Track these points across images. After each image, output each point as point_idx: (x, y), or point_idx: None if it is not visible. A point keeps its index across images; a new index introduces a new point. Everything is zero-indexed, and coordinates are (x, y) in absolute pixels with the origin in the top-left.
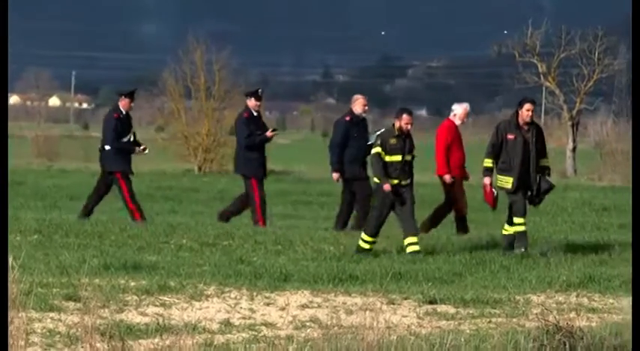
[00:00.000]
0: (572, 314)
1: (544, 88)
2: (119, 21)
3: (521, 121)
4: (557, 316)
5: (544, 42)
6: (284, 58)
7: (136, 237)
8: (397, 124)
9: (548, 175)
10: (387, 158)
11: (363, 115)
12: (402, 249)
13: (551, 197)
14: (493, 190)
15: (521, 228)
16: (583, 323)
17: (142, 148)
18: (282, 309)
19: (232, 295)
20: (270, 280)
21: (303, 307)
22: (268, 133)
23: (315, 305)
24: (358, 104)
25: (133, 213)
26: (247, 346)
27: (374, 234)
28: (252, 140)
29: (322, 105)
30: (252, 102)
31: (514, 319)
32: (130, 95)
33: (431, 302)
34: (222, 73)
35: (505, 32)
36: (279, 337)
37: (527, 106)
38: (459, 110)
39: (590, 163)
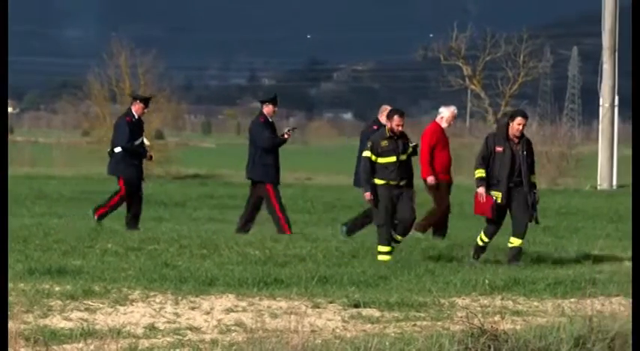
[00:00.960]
0: (497, 317)
1: (469, 91)
2: (43, 25)
3: (511, 134)
4: (481, 319)
5: (469, 45)
6: (210, 62)
7: (60, 241)
8: (388, 126)
9: (534, 191)
10: (381, 161)
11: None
12: (328, 252)
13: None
14: (493, 197)
15: (482, 243)
16: (507, 326)
17: (148, 155)
18: (207, 313)
19: (157, 300)
20: (196, 284)
21: (228, 311)
22: (286, 135)
23: (240, 309)
24: (385, 114)
25: (100, 209)
26: (172, 350)
27: (389, 242)
28: (272, 141)
29: (248, 109)
30: (268, 108)
31: (439, 323)
32: (145, 101)
33: (356, 306)
34: (147, 77)
35: (430, 36)
36: (204, 341)
37: (518, 119)
38: (445, 113)
39: None
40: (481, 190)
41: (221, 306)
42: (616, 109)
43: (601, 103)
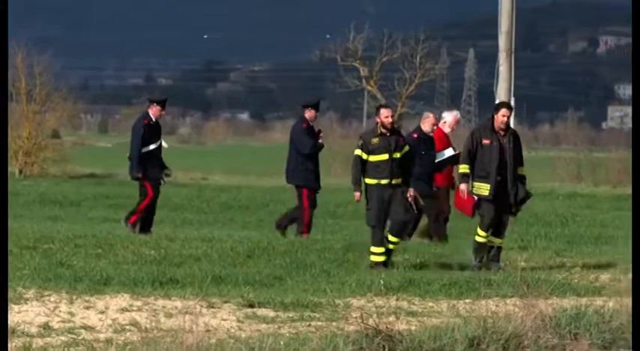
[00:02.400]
0: (392, 318)
1: (366, 92)
2: None
3: (496, 127)
4: (376, 320)
5: (366, 46)
6: (106, 62)
7: None
8: (378, 122)
9: (524, 183)
10: (372, 159)
11: (431, 134)
12: (223, 252)
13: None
14: (473, 196)
15: (482, 240)
16: (402, 327)
17: (166, 172)
18: (102, 312)
19: (52, 299)
20: (90, 284)
21: (123, 310)
22: (320, 140)
23: (135, 309)
24: (428, 123)
25: (131, 217)
26: (66, 349)
27: (381, 243)
28: (313, 147)
29: (144, 108)
30: (311, 113)
31: (334, 323)
32: (162, 103)
33: (251, 306)
34: (43, 77)
35: (327, 36)
36: (99, 341)
37: (502, 111)
38: (449, 118)
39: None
40: (463, 186)
41: (116, 305)
42: (512, 112)
43: None
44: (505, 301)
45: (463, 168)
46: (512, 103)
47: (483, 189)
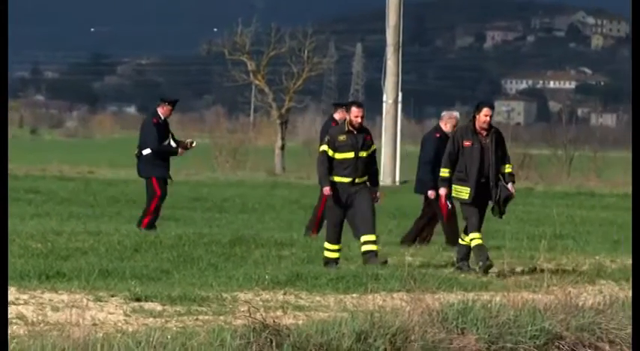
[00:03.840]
0: (279, 312)
1: (253, 87)
2: None
3: (478, 127)
4: (264, 314)
5: (254, 40)
6: None
7: None
8: (347, 119)
9: (513, 181)
10: (338, 156)
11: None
12: (110, 246)
13: (259, 194)
14: (447, 203)
15: (478, 241)
16: (290, 321)
17: (188, 141)
18: None
19: None
20: None
21: (10, 303)
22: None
23: (22, 302)
24: (450, 123)
25: (143, 219)
26: None
27: (337, 241)
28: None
29: (31, 101)
30: (341, 114)
31: (221, 317)
32: (172, 103)
33: (138, 299)
34: None
35: (215, 30)
36: None
37: (485, 110)
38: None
39: (298, 161)
40: (442, 191)
41: None
42: (399, 106)
43: (384, 99)
44: (392, 296)
45: (444, 172)
46: (400, 97)
47: (463, 192)
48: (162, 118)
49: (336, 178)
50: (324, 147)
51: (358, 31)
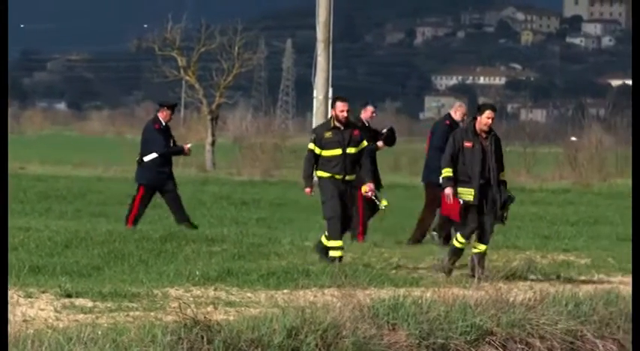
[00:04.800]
0: (210, 308)
1: (184, 82)
2: None
3: (479, 129)
4: (194, 310)
5: (184, 36)
6: None
7: None
8: (333, 115)
9: (505, 188)
10: (325, 153)
11: (461, 123)
12: (41, 242)
13: (189, 190)
14: (460, 200)
15: (460, 246)
16: (221, 317)
17: (187, 146)
18: None
19: None
20: None
21: None
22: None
23: None
24: (459, 112)
25: (128, 219)
26: None
27: (339, 236)
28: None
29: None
30: (367, 112)
31: (152, 313)
32: (172, 107)
33: (68, 296)
34: None
35: (145, 26)
36: None
37: (487, 113)
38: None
39: (229, 158)
40: (448, 190)
41: None
42: (329, 102)
43: (315, 95)
44: (323, 292)
45: (446, 172)
46: (330, 93)
47: (467, 194)
48: (164, 123)
49: (327, 174)
50: (311, 145)
51: (288, 28)
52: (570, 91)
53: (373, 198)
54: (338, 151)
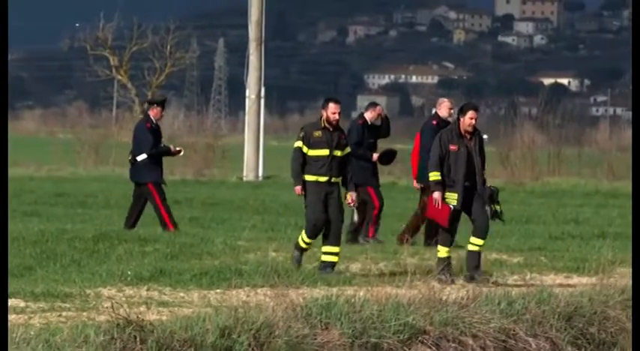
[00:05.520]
0: (143, 308)
1: (116, 82)
2: None
3: (463, 130)
4: (127, 310)
5: (116, 35)
6: None
7: None
8: (324, 115)
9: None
10: (312, 153)
11: (449, 119)
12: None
13: (122, 190)
14: (450, 206)
15: (445, 254)
16: (153, 317)
17: (177, 149)
18: None
19: None
20: None
21: None
22: (374, 156)
23: None
24: (444, 107)
25: (165, 223)
26: None
27: (314, 236)
28: (356, 148)
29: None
30: (374, 112)
31: (84, 313)
32: (161, 104)
33: None
34: None
35: (77, 25)
36: None
37: (470, 113)
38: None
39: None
40: (437, 195)
41: None
42: (262, 101)
43: (247, 94)
44: (256, 291)
45: (435, 175)
46: (263, 92)
47: (452, 198)
48: (154, 121)
49: (312, 177)
50: (299, 143)
51: (220, 27)
52: (502, 89)
53: (354, 209)
54: (325, 152)
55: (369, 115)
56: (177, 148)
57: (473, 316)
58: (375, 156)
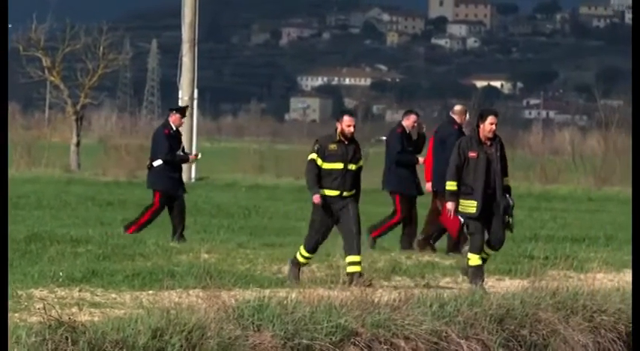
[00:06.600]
0: (75, 309)
1: (48, 83)
2: None
3: (483, 137)
4: (59, 311)
5: (49, 36)
6: None
7: None
8: (339, 128)
9: (509, 193)
10: (326, 166)
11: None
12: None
13: (54, 191)
14: (460, 218)
15: (476, 262)
16: (85, 318)
17: (194, 154)
18: None
19: None
20: None
21: None
22: (421, 160)
23: None
24: (409, 121)
25: (131, 225)
26: None
27: (312, 250)
28: (404, 157)
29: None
30: (409, 121)
31: (16, 314)
32: (182, 111)
33: None
34: None
35: (10, 26)
36: None
37: (490, 119)
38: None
39: (94, 158)
40: (450, 205)
41: None
42: (195, 103)
43: (180, 96)
44: (188, 293)
45: (451, 185)
46: (196, 94)
47: (470, 207)
48: (174, 128)
49: (324, 192)
50: (313, 155)
51: (154, 28)
52: (435, 92)
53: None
54: (340, 165)
55: (405, 123)
56: (195, 153)
57: (405, 319)
58: (422, 160)
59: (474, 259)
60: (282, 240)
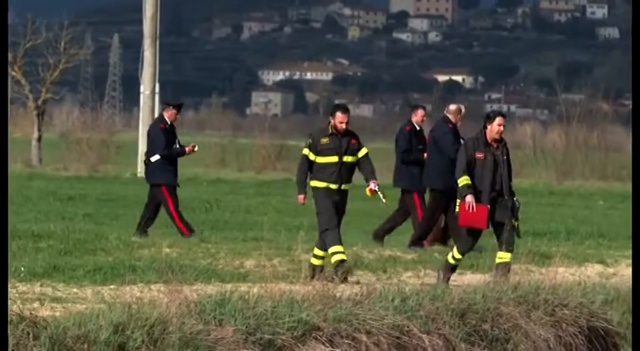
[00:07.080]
0: (36, 304)
1: (10, 78)
2: None
3: (490, 138)
4: (20, 306)
5: (10, 32)
6: None
7: None
8: (332, 123)
9: (513, 195)
10: (320, 160)
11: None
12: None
13: (16, 186)
14: (487, 206)
15: (454, 262)
16: (47, 313)
17: (191, 146)
18: None
19: None
20: None
21: None
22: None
23: None
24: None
25: (180, 230)
26: None
27: (339, 241)
28: (407, 156)
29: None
30: (417, 116)
31: None
32: (177, 107)
33: None
34: None
35: None
36: None
37: (498, 120)
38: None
39: (55, 153)
40: (469, 198)
41: None
42: (157, 97)
43: (142, 90)
44: (150, 287)
45: (464, 179)
46: (157, 88)
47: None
48: (169, 122)
49: (322, 184)
50: (305, 150)
51: (115, 23)
52: (397, 86)
53: (378, 192)
54: (334, 159)
55: (414, 119)
56: (192, 145)
57: (367, 313)
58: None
59: (455, 258)
60: (243, 234)
